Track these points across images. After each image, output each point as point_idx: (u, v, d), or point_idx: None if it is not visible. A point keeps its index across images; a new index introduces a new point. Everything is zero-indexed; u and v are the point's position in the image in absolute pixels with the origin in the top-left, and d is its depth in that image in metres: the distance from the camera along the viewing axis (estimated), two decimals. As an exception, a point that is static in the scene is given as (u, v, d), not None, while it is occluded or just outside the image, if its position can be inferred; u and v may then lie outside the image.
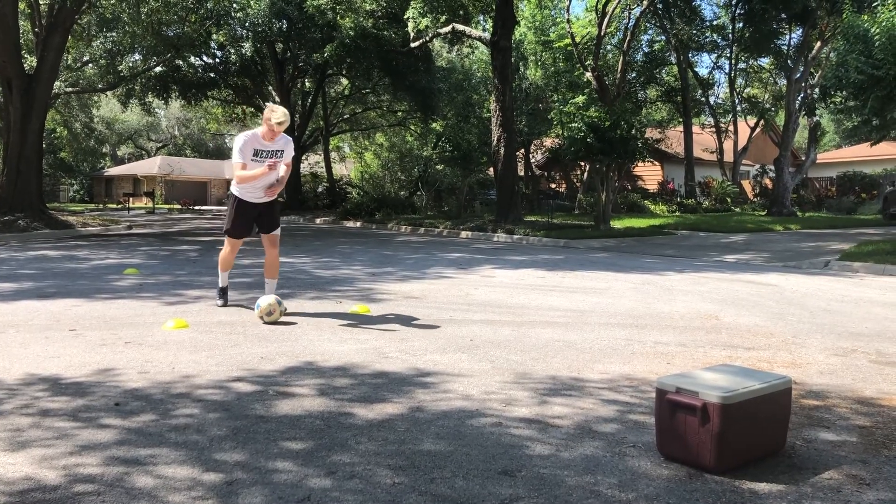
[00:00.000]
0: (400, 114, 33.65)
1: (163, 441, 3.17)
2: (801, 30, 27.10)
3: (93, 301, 6.95)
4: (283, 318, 6.01)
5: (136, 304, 6.82)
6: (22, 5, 20.94)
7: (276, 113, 5.91)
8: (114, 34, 26.35)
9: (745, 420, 2.90)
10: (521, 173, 30.05)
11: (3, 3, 17.63)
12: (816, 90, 25.95)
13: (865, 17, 15.47)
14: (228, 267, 6.69)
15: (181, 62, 29.28)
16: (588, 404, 3.77)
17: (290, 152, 6.27)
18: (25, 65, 20.10)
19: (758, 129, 34.23)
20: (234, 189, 6.36)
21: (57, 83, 23.91)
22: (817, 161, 33.82)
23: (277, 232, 6.51)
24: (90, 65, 30.05)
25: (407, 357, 4.76)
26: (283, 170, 6.23)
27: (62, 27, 19.45)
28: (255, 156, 6.04)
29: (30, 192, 18.73)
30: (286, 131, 6.24)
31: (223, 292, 6.74)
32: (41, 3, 21.76)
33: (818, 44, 27.02)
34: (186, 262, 10.99)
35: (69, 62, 28.20)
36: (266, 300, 5.90)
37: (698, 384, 2.96)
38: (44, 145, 22.03)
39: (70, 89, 29.78)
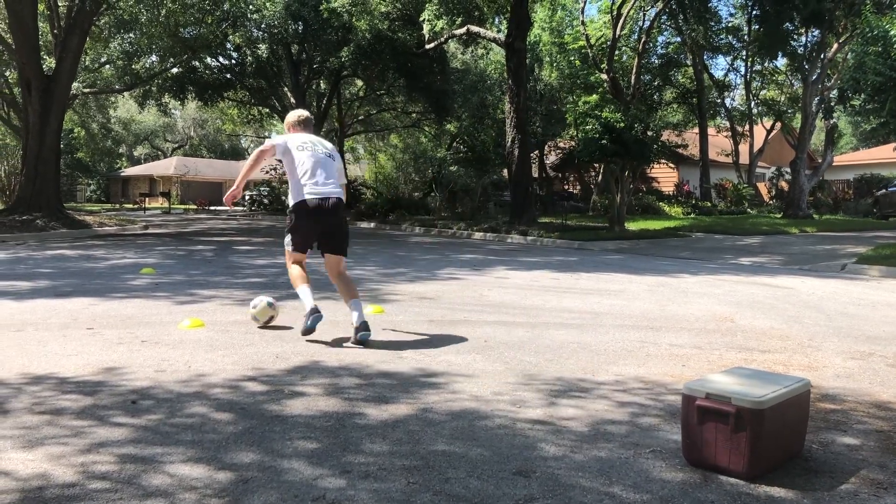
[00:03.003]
0: (414, 115, 33.71)
1: (178, 440, 3.19)
2: (817, 31, 26.88)
3: (110, 300, 7.01)
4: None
5: (153, 303, 6.87)
6: (41, 7, 21.14)
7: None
8: (131, 35, 26.57)
9: (776, 425, 2.87)
10: (536, 175, 30.01)
11: (22, 4, 17.82)
12: (833, 92, 25.76)
13: (886, 19, 15.33)
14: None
15: (198, 63, 29.44)
16: (602, 406, 3.76)
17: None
18: (44, 66, 20.27)
19: (774, 132, 34.01)
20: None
21: (75, 84, 24.10)
22: (834, 163, 33.53)
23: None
24: (107, 66, 30.27)
25: (421, 357, 4.76)
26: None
27: (80, 29, 19.62)
28: None
29: (48, 192, 18.90)
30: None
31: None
32: (60, 4, 21.96)
33: (835, 45, 26.80)
34: (202, 261, 11.05)
35: (87, 63, 28.43)
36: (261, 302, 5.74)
37: (728, 389, 2.91)
38: (61, 146, 22.19)
39: (88, 90, 30.01)
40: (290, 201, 5.35)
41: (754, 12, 28.56)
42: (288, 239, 5.41)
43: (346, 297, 5.34)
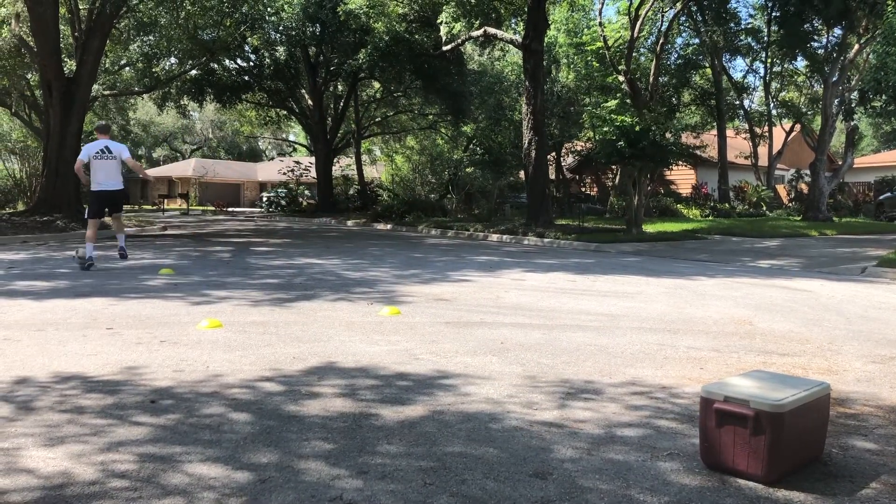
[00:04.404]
0: (431, 117, 33.73)
1: (197, 439, 3.22)
2: (838, 32, 26.66)
3: (128, 300, 7.07)
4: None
5: (171, 303, 6.92)
6: (63, 10, 21.38)
7: None
8: (151, 38, 26.79)
9: (795, 429, 2.85)
10: (552, 176, 29.93)
11: (44, 7, 18.02)
12: (854, 93, 25.52)
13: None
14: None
15: (216, 65, 29.64)
16: (619, 409, 3.75)
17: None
18: (65, 68, 20.49)
19: (793, 133, 33.72)
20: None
21: (95, 86, 24.34)
22: (855, 165, 33.18)
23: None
24: (127, 68, 30.55)
25: (437, 359, 4.76)
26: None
27: (101, 31, 19.83)
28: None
29: (68, 193, 19.10)
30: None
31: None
32: (81, 8, 22.20)
33: (856, 46, 26.56)
34: (219, 262, 11.12)
35: (107, 66, 28.69)
36: None
37: (746, 392, 2.90)
38: (82, 147, 22.41)
39: (108, 92, 30.30)
40: (91, 188, 9.99)
41: (774, 13, 28.34)
42: (87, 210, 10.32)
43: (117, 232, 10.82)
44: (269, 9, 26.18)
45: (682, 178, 34.58)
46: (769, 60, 31.40)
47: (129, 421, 3.44)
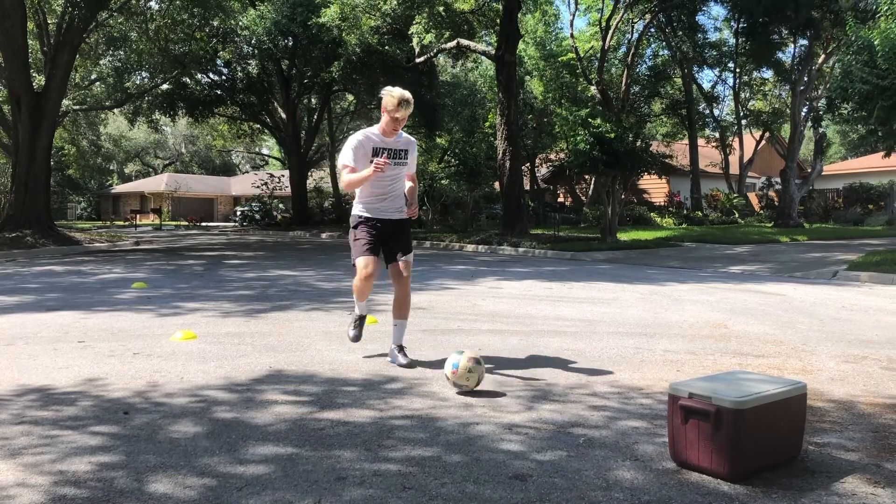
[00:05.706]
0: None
1: (172, 449, 3.16)
2: (804, 41, 27.17)
3: (100, 314, 6.96)
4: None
5: (144, 316, 6.83)
6: (31, 25, 21.14)
7: (393, 95, 4.77)
8: (121, 52, 26.59)
9: (760, 425, 2.86)
10: (527, 187, 30.08)
11: (11, 21, 17.80)
12: (822, 101, 26.01)
13: (871, 31, 15.49)
14: (365, 296, 4.95)
15: (188, 79, 29.47)
16: (597, 412, 3.75)
17: (413, 158, 5.01)
18: (34, 83, 20.24)
19: (763, 142, 34.21)
20: (355, 209, 4.92)
21: (65, 101, 24.07)
22: (824, 173, 33.73)
23: (410, 258, 4.91)
24: (98, 83, 30.27)
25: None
26: (408, 184, 4.97)
27: (70, 45, 19.62)
28: (375, 155, 4.71)
29: (38, 209, 18.81)
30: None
31: (359, 321, 5.07)
32: (50, 22, 21.96)
33: (822, 56, 27.06)
34: (192, 275, 11.01)
35: (77, 80, 28.42)
36: (461, 360, 4.04)
37: (710, 389, 2.92)
38: (51, 163, 22.14)
39: (78, 107, 29.97)
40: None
41: (741, 25, 28.81)
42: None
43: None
44: (240, 23, 26.10)
45: (655, 187, 34.92)
46: (738, 71, 31.88)
47: (102, 433, 3.37)
